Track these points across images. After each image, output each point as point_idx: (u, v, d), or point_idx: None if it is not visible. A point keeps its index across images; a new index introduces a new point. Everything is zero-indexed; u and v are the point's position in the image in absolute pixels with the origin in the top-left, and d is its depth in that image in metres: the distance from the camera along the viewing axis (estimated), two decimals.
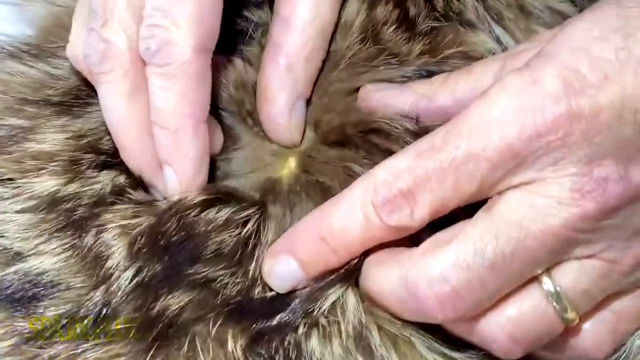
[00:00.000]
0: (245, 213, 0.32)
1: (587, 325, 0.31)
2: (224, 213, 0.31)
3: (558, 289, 0.29)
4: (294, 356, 0.30)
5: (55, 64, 0.37)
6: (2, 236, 0.33)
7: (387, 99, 0.33)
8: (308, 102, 0.35)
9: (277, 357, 0.30)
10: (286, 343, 0.30)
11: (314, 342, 0.30)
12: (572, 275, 0.29)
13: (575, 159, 0.28)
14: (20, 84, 0.37)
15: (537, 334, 0.30)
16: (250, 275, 0.31)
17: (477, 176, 0.28)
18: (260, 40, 0.35)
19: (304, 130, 0.34)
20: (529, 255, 0.28)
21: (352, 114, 0.33)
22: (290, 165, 0.35)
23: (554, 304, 0.29)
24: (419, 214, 0.29)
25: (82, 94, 0.36)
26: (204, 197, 0.32)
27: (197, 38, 0.31)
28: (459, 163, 0.28)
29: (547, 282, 0.29)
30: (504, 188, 0.29)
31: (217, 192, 0.32)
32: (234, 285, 0.31)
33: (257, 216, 0.32)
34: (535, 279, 0.30)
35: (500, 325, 0.29)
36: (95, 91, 0.34)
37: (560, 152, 0.28)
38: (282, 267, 0.31)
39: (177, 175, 0.32)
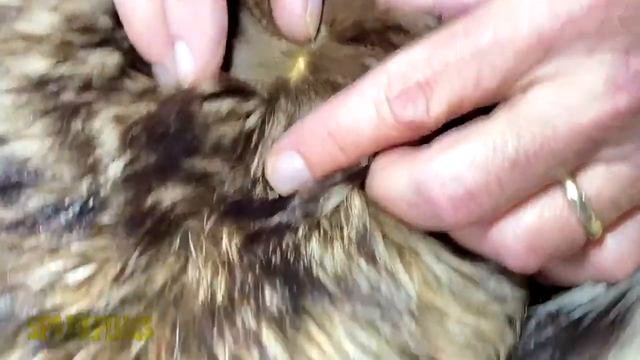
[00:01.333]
0: (251, 107, 0.30)
1: (610, 239, 0.29)
2: (228, 105, 0.29)
3: (583, 195, 0.27)
4: (292, 259, 0.29)
5: None
6: None
7: None
8: None
9: (273, 259, 0.28)
10: (284, 245, 0.29)
11: (314, 245, 0.29)
12: (598, 181, 0.28)
13: (611, 48, 0.26)
14: None
15: (556, 246, 0.28)
16: (251, 173, 0.29)
17: (501, 68, 0.26)
18: None
19: (318, 28, 0.32)
20: (554, 155, 0.26)
21: (370, 11, 0.31)
22: (299, 66, 0.32)
23: (578, 212, 0.28)
24: (435, 108, 0.27)
25: None
26: (209, 87, 0.30)
27: None
28: (482, 52, 0.26)
29: (571, 188, 0.27)
30: (528, 83, 0.27)
31: (223, 83, 0.30)
32: (232, 182, 0.29)
33: (262, 110, 0.30)
34: (557, 183, 0.28)
35: (516, 234, 0.28)
36: None
37: (595, 40, 0.26)
38: (287, 165, 0.29)
39: (192, 52, 0.29)
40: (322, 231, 0.29)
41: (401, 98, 0.27)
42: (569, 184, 0.28)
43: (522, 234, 0.28)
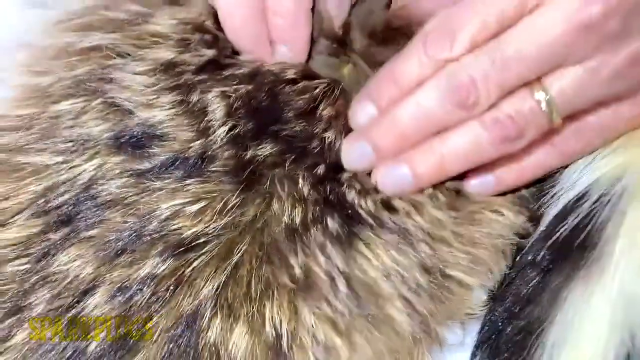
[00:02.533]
0: (318, 83, 0.41)
1: (569, 128, 0.41)
2: (303, 84, 0.41)
3: (548, 95, 0.38)
4: (342, 199, 0.40)
5: None
6: (122, 95, 0.42)
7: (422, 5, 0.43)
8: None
9: (332, 197, 0.40)
10: (337, 189, 0.40)
11: (354, 194, 0.40)
12: (561, 83, 0.38)
13: None
14: None
15: (528, 128, 0.39)
16: (319, 134, 0.41)
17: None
18: None
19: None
20: (528, 63, 0.38)
21: (391, 14, 0.43)
22: (350, 66, 0.44)
23: (543, 107, 0.39)
24: (458, 47, 0.38)
25: None
26: (293, 75, 0.41)
27: None
28: None
29: (538, 89, 0.39)
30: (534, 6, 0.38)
31: (302, 71, 0.42)
32: (305, 139, 0.41)
33: (325, 85, 0.41)
34: (529, 85, 0.39)
35: (498, 117, 0.39)
36: None
37: None
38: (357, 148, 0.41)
39: (292, 53, 0.41)
40: (358, 186, 0.41)
41: (431, 42, 0.39)
42: (537, 86, 0.39)
43: (503, 117, 0.39)
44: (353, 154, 0.41)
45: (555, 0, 0.38)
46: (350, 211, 0.40)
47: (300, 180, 0.40)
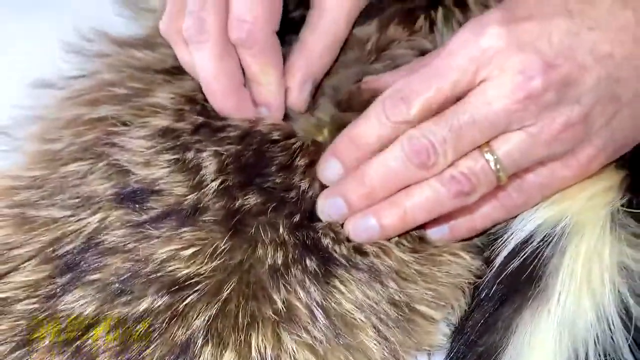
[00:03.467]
0: (297, 139, 0.48)
1: (513, 185, 0.46)
2: (284, 143, 0.47)
3: (496, 156, 0.44)
4: (318, 243, 0.45)
5: (158, 51, 0.53)
6: (125, 156, 0.48)
7: (382, 80, 0.49)
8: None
9: (308, 241, 0.45)
10: (312, 234, 0.46)
11: (329, 240, 0.46)
12: (507, 146, 0.44)
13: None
14: (137, 62, 0.53)
15: (479, 186, 0.45)
16: (296, 185, 0.47)
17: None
18: None
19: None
20: (479, 128, 0.44)
21: (359, 90, 0.50)
22: (325, 132, 0.50)
23: (492, 166, 0.44)
24: (414, 110, 0.45)
25: (175, 70, 0.52)
26: (277, 136, 0.48)
27: (272, 25, 0.48)
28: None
29: (487, 151, 0.44)
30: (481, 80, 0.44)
31: (285, 132, 0.48)
32: (284, 190, 0.46)
33: (301, 143, 0.48)
34: (480, 147, 0.45)
35: (454, 175, 0.45)
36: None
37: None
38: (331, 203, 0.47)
39: (271, 112, 0.49)
40: (332, 234, 0.46)
41: (390, 108, 0.45)
42: (486, 148, 0.44)
43: (458, 175, 0.45)
44: (328, 208, 0.47)
45: (501, 75, 0.44)
46: (326, 254, 0.45)
47: (281, 228, 0.45)
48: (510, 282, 0.45)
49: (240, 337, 0.43)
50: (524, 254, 0.45)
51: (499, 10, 0.45)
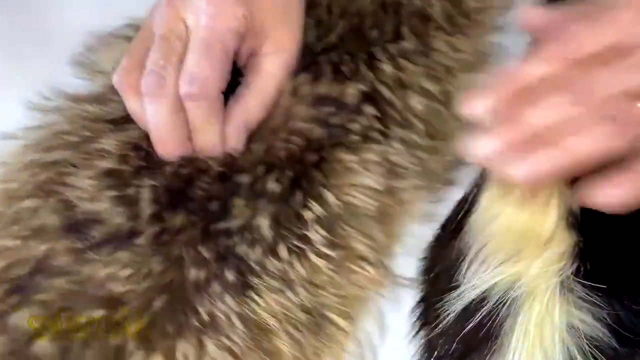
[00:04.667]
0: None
1: None
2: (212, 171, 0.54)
3: None
4: (235, 254, 0.51)
5: (109, 105, 0.60)
6: (73, 194, 0.54)
7: None
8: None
9: (223, 253, 0.51)
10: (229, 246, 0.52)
11: (244, 248, 0.52)
12: None
13: None
14: (88, 114, 0.60)
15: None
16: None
17: None
18: None
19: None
20: None
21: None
22: None
23: None
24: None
25: (122, 120, 0.59)
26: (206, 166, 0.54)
27: (220, 84, 0.55)
28: None
29: None
30: None
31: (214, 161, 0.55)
32: (204, 216, 0.53)
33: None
34: None
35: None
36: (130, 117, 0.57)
37: None
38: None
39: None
40: (248, 236, 0.52)
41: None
42: None
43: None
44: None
45: None
46: (242, 266, 0.51)
47: (199, 244, 0.52)
48: (467, 340, 0.48)
49: (167, 343, 0.48)
50: (481, 314, 0.48)
51: None
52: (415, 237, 0.56)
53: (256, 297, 0.50)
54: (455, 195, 0.57)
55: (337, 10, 0.62)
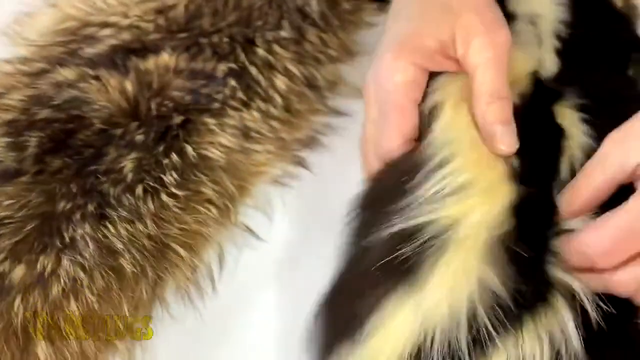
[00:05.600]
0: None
1: None
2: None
3: None
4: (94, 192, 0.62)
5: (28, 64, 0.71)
6: None
7: None
8: None
9: (89, 188, 0.62)
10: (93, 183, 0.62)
11: (105, 186, 0.62)
12: None
13: None
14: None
15: None
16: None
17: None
18: None
19: None
20: None
21: None
22: None
23: None
24: None
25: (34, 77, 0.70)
26: (82, 126, 0.65)
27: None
28: None
29: None
30: None
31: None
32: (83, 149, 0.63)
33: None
34: None
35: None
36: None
37: None
38: None
39: None
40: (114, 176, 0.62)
41: None
42: None
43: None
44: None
45: None
46: (102, 201, 0.61)
47: (71, 183, 0.62)
48: (387, 266, 0.49)
49: (32, 257, 0.58)
50: (410, 244, 0.49)
51: None
52: (265, 196, 0.67)
53: (109, 226, 0.60)
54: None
55: (232, 4, 0.73)
